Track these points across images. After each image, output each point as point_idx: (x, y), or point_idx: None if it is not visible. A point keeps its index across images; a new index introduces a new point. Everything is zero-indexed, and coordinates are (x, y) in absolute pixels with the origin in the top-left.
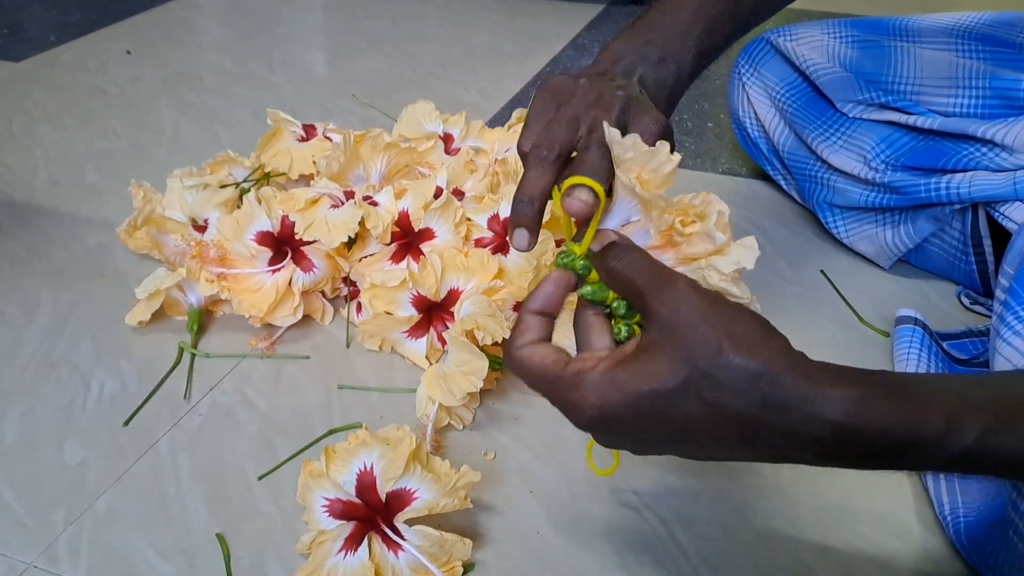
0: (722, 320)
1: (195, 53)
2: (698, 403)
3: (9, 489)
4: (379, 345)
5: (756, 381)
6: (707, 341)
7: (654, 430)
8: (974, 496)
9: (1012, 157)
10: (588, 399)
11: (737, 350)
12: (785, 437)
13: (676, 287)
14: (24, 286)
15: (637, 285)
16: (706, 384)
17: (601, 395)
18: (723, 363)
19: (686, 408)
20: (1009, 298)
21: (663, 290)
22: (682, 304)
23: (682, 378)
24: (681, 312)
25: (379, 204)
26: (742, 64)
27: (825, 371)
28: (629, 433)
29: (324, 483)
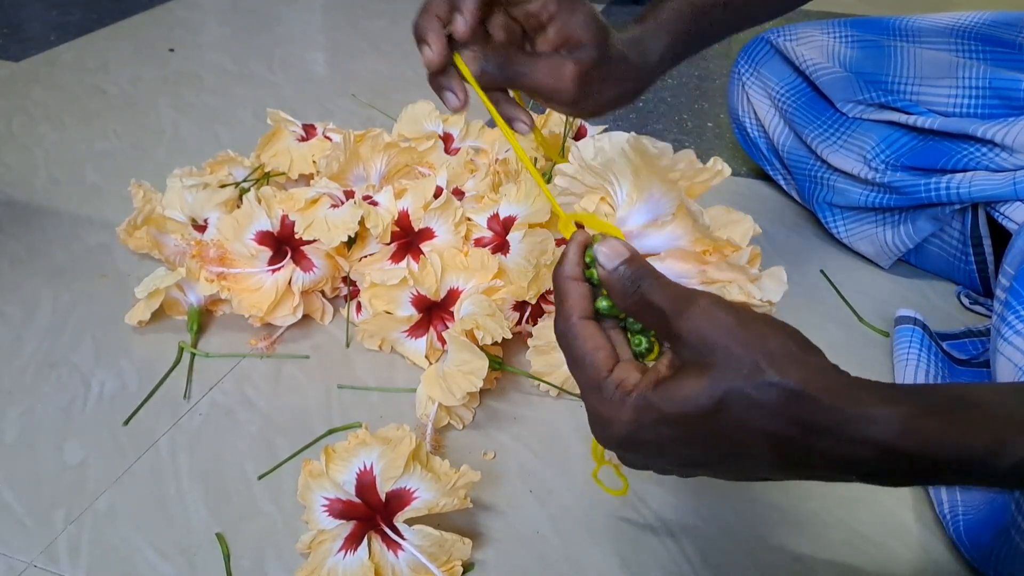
0: (753, 337)
1: (195, 53)
2: (735, 425)
3: (9, 488)
4: (379, 345)
5: (794, 402)
6: (741, 361)
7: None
8: (974, 495)
9: (1012, 157)
10: (622, 417)
11: (773, 369)
12: (825, 459)
13: (699, 306)
14: (24, 286)
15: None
16: (742, 405)
17: (635, 416)
18: (759, 383)
19: (722, 430)
20: (1010, 297)
21: (687, 311)
22: (709, 324)
23: (717, 399)
24: (710, 332)
25: (379, 204)
26: (742, 64)
27: (865, 389)
28: (657, 454)
29: (324, 483)
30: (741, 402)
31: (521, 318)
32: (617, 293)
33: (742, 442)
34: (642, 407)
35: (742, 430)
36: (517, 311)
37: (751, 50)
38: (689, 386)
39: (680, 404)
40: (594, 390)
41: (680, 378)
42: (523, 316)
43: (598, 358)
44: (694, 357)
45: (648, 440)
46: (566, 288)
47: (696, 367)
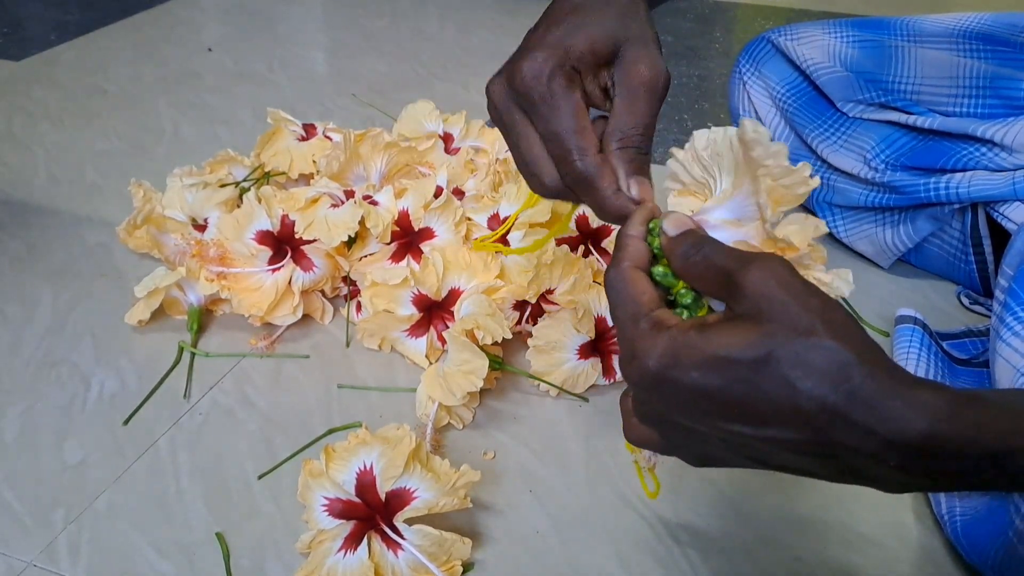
0: (816, 304)
1: (195, 52)
2: (776, 381)
3: (9, 488)
4: (379, 344)
5: (845, 369)
6: (799, 320)
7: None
8: (972, 496)
9: (1012, 157)
10: (654, 350)
11: (830, 334)
12: (865, 435)
13: (768, 263)
14: (24, 285)
15: (721, 267)
16: (790, 362)
17: (670, 352)
18: (814, 345)
19: (764, 386)
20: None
21: (753, 265)
22: (775, 280)
23: (765, 351)
24: (773, 288)
25: (379, 203)
26: (743, 63)
27: (918, 380)
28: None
29: (324, 482)
30: (789, 359)
31: (521, 318)
32: (678, 257)
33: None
34: (680, 345)
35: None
36: (517, 311)
37: (752, 49)
38: (739, 333)
39: (724, 348)
40: (631, 322)
41: (730, 325)
42: (523, 316)
43: (642, 298)
44: (750, 309)
45: (676, 382)
46: (626, 242)
47: (750, 318)
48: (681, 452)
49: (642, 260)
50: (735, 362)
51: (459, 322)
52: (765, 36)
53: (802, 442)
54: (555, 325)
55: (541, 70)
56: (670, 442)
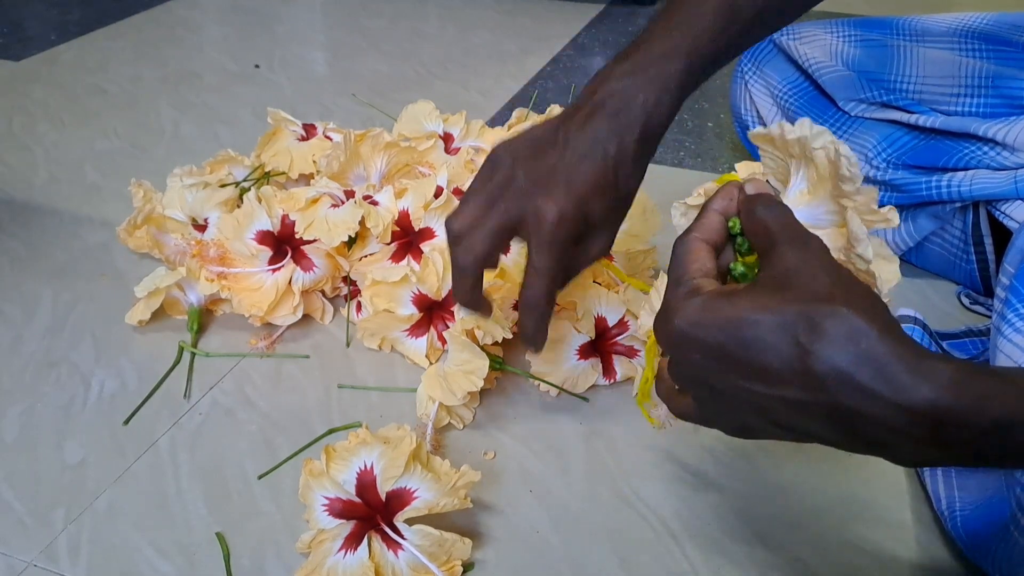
0: (844, 279)
1: (195, 52)
2: (791, 344)
3: (9, 488)
4: (379, 344)
5: (861, 337)
6: (822, 289)
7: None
8: (972, 491)
9: (1013, 156)
10: (686, 311)
11: (850, 305)
12: (871, 399)
13: (810, 242)
14: (24, 285)
15: (772, 231)
16: (807, 328)
17: (700, 312)
18: (832, 312)
19: (777, 346)
20: (1010, 296)
21: (795, 241)
22: (809, 256)
23: (784, 315)
24: (805, 261)
25: (379, 203)
26: (745, 63)
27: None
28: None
29: (324, 482)
30: (806, 325)
31: None
32: (747, 209)
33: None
34: (706, 307)
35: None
36: (516, 310)
37: (754, 49)
38: (760, 297)
39: (744, 311)
40: (674, 284)
41: (756, 290)
42: None
43: (693, 266)
44: (777, 276)
45: (697, 340)
46: (705, 213)
47: (776, 284)
48: (717, 421)
49: (711, 233)
50: (754, 323)
51: (459, 322)
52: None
53: (812, 403)
54: (556, 325)
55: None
56: (704, 408)
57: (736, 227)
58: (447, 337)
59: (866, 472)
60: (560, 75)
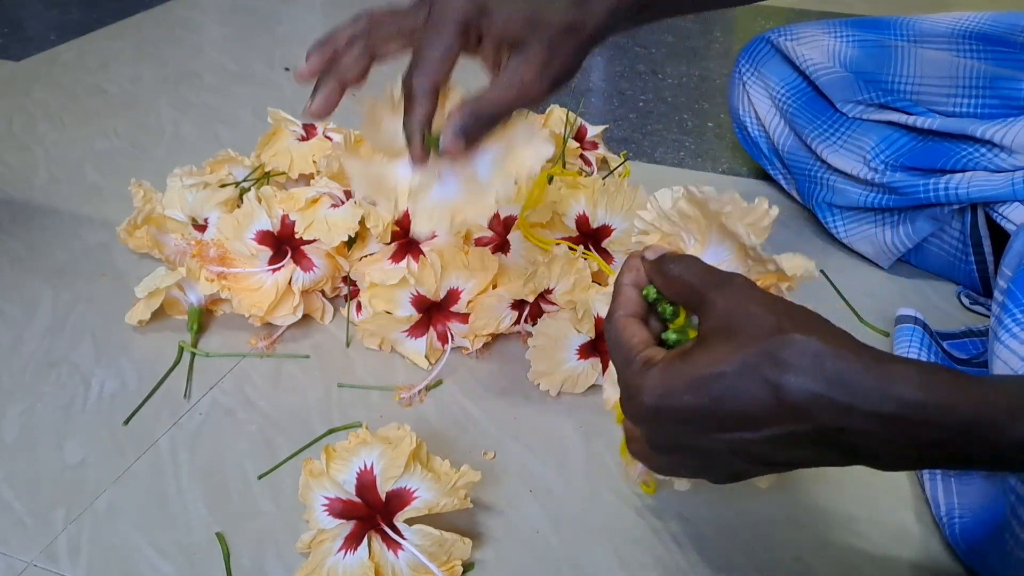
0: (781, 307)
1: (195, 52)
2: (761, 385)
3: (9, 488)
4: (379, 344)
5: (819, 359)
6: (766, 323)
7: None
8: (971, 498)
9: (1011, 158)
10: (648, 384)
11: (798, 330)
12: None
13: (734, 282)
14: (24, 285)
15: (694, 284)
16: (768, 363)
17: (662, 383)
18: (785, 342)
19: (749, 390)
20: (1007, 300)
21: (721, 285)
22: (740, 295)
23: (742, 359)
24: (740, 301)
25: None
26: (743, 64)
27: (886, 355)
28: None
29: (324, 482)
30: (766, 360)
31: (519, 317)
32: (659, 274)
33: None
34: (667, 375)
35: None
36: (515, 310)
37: (752, 50)
38: (715, 349)
39: (706, 366)
40: (625, 365)
41: (707, 344)
42: (521, 315)
43: (633, 341)
44: (720, 324)
45: (672, 409)
46: (618, 291)
47: (723, 334)
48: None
49: (633, 307)
50: (719, 376)
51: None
52: (765, 36)
53: (798, 434)
54: (555, 325)
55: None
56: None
57: (651, 294)
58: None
59: (866, 473)
60: None
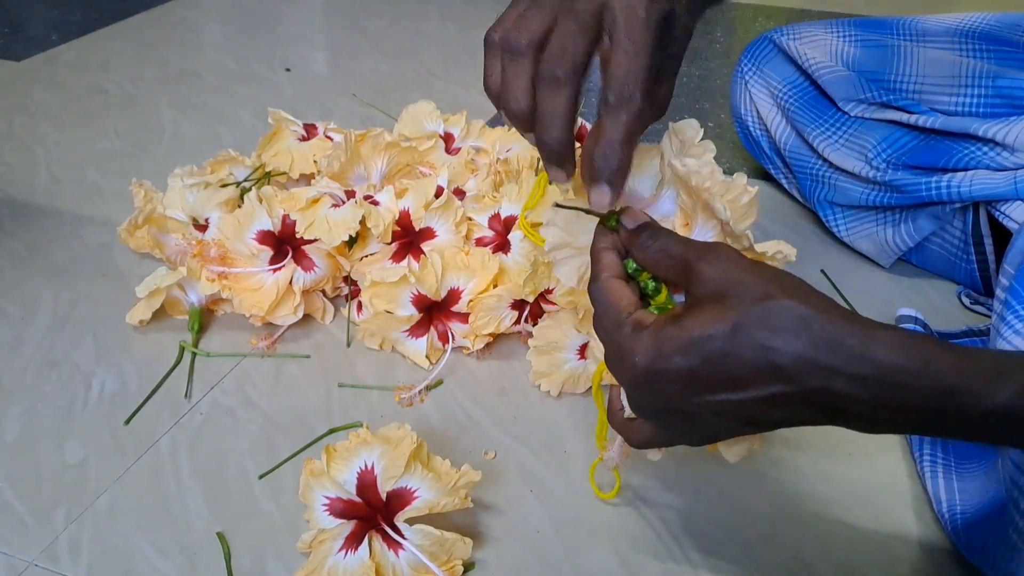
0: (768, 274)
1: (196, 52)
2: (750, 347)
3: (10, 488)
4: (380, 344)
5: (807, 322)
6: (755, 289)
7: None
8: (972, 494)
9: (1013, 156)
10: (638, 348)
11: (786, 295)
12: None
13: (719, 250)
14: (25, 285)
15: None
16: (756, 326)
17: (653, 346)
18: (774, 307)
19: (739, 352)
20: (1009, 297)
21: (707, 254)
22: (728, 262)
23: (733, 322)
24: (728, 268)
25: (380, 203)
26: (745, 63)
27: (871, 321)
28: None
29: (325, 482)
30: (755, 324)
31: (520, 317)
32: (638, 247)
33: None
34: (660, 338)
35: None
36: (516, 310)
37: (754, 49)
38: (706, 313)
39: (697, 330)
40: (615, 328)
41: (698, 309)
42: (522, 315)
43: (621, 304)
44: (710, 291)
45: (664, 372)
46: (598, 256)
47: (711, 299)
48: (684, 438)
49: (616, 269)
50: (710, 338)
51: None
52: (767, 36)
53: (783, 394)
54: (555, 325)
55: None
56: (671, 432)
57: (631, 266)
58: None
59: (866, 472)
60: None
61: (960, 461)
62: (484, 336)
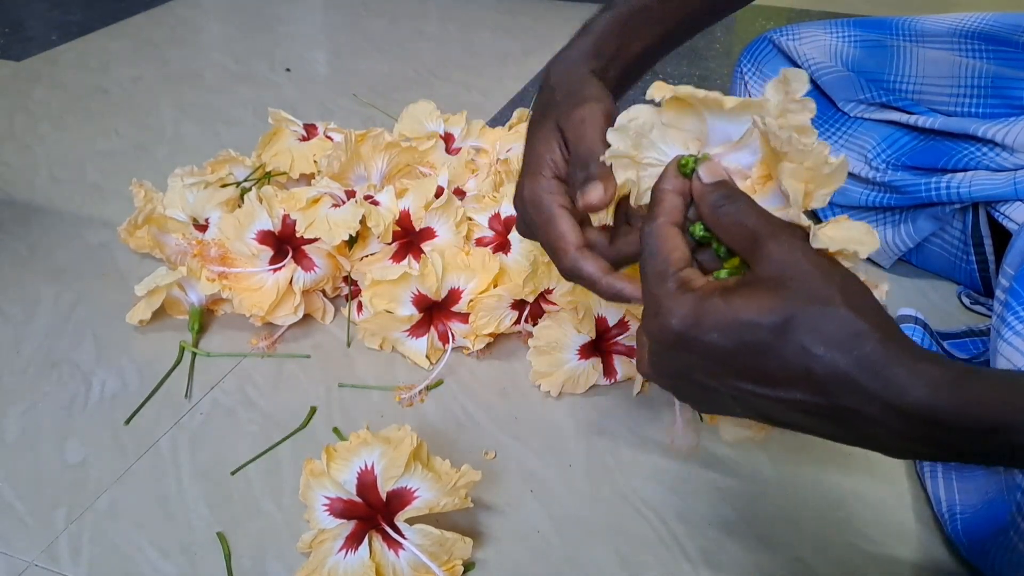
0: (837, 276)
1: (196, 52)
2: (792, 346)
3: (10, 487)
4: (380, 344)
5: (858, 339)
6: (818, 289)
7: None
8: (972, 495)
9: (1013, 157)
10: (679, 309)
11: (847, 305)
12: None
13: (794, 236)
14: (25, 285)
15: (751, 229)
16: (806, 329)
17: (694, 312)
18: (831, 314)
19: (781, 350)
20: (1009, 298)
21: (780, 235)
22: (798, 250)
23: (784, 317)
24: (797, 257)
25: (380, 203)
26: (745, 63)
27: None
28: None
29: (325, 482)
30: (806, 326)
31: (520, 317)
32: (709, 206)
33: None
34: (703, 307)
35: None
36: (516, 310)
37: (754, 49)
38: (760, 298)
39: (745, 312)
40: (659, 279)
41: (752, 290)
42: (522, 315)
43: (672, 255)
44: (773, 274)
45: (695, 342)
46: (661, 196)
47: (771, 284)
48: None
49: (677, 215)
50: (755, 326)
51: None
52: (767, 36)
53: (812, 404)
54: (556, 325)
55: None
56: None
57: (698, 231)
58: None
59: (867, 473)
60: None
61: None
62: (484, 336)
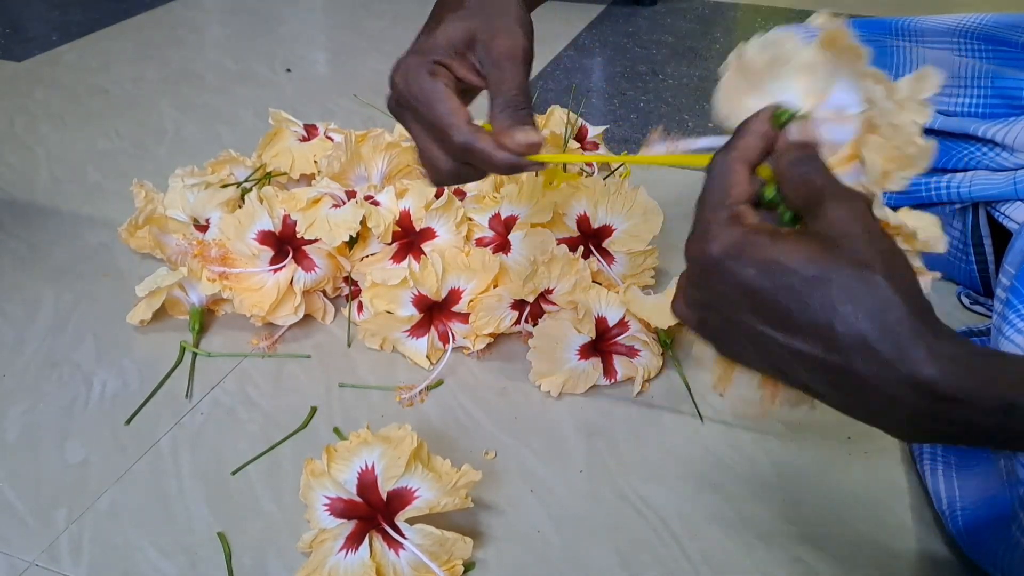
0: (886, 247)
1: (197, 52)
2: (822, 300)
3: (11, 487)
4: (380, 344)
5: (886, 307)
6: (862, 254)
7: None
8: (972, 490)
9: (1013, 157)
10: (724, 239)
11: (884, 275)
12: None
13: (856, 200)
14: (26, 285)
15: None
16: (840, 288)
17: (738, 244)
18: (867, 278)
19: (808, 299)
20: (1011, 296)
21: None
22: (856, 214)
23: (823, 272)
24: (851, 220)
25: (380, 203)
26: None
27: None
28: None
29: (325, 482)
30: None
31: (520, 317)
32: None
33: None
34: (748, 241)
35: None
36: (516, 310)
37: None
38: (805, 247)
39: (787, 256)
40: (713, 208)
41: (800, 239)
42: (522, 315)
43: (734, 190)
44: (823, 230)
45: (729, 272)
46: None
47: (819, 239)
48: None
49: (751, 155)
50: (792, 272)
51: None
52: None
53: (827, 363)
54: (556, 325)
55: (407, 73)
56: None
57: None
58: None
59: (866, 471)
60: (561, 75)
61: (960, 458)
62: (484, 336)
